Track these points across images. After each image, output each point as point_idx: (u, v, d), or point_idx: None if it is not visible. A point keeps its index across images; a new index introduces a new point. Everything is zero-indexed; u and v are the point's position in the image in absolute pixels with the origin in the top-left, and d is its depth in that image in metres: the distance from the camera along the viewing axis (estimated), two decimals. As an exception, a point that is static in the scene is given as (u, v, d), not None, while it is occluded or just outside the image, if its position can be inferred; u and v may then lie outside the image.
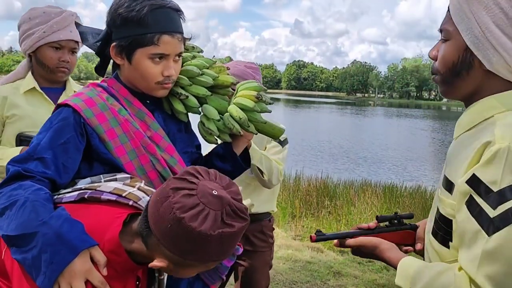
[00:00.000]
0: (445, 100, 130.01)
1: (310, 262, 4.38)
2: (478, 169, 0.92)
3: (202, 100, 1.49)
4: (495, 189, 0.89)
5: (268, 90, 1.61)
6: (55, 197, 1.20)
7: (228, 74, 1.53)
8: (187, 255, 1.00)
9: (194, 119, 1.60)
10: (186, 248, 0.99)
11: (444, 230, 1.04)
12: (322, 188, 7.31)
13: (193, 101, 1.46)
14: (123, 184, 1.22)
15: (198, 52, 1.55)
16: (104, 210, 1.13)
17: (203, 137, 1.53)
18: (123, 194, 1.16)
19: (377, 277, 4.15)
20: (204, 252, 1.00)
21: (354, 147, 18.25)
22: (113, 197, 1.15)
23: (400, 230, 1.36)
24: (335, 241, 1.35)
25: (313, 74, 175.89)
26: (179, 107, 1.47)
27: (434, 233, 1.08)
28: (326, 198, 6.81)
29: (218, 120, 1.47)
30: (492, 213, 0.89)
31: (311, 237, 1.34)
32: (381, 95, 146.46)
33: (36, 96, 2.05)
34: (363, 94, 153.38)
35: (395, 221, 1.37)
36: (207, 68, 1.49)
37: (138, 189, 1.21)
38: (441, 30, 1.09)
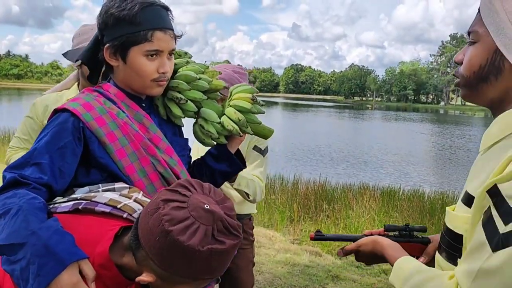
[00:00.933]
0: (442, 103, 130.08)
1: (308, 266, 4.38)
2: (500, 180, 0.85)
3: (197, 104, 1.52)
4: (511, 204, 0.82)
5: (266, 94, 1.67)
6: (50, 206, 1.19)
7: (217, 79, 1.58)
8: (175, 271, 0.96)
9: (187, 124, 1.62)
10: (173, 263, 0.95)
11: (453, 247, 0.98)
12: (320, 192, 7.32)
13: (191, 105, 1.49)
14: (120, 195, 1.19)
15: (189, 57, 1.58)
16: (97, 222, 1.11)
17: (200, 140, 1.56)
18: (118, 206, 1.14)
19: (376, 281, 4.15)
20: (192, 268, 0.96)
21: (352, 151, 18.26)
22: (108, 209, 1.13)
23: (410, 242, 1.29)
24: (339, 250, 1.32)
25: (311, 78, 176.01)
26: (177, 111, 1.49)
27: (441, 250, 1.03)
28: (324, 202, 6.82)
29: (218, 123, 1.51)
30: (502, 228, 0.82)
31: (310, 235, 1.33)
32: (379, 99, 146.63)
33: None
34: (361, 98, 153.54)
35: (405, 232, 1.32)
36: (202, 73, 1.53)
37: (135, 200, 1.18)
38: (469, 33, 1.01)
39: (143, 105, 1.46)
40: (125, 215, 1.13)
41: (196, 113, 1.53)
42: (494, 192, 0.86)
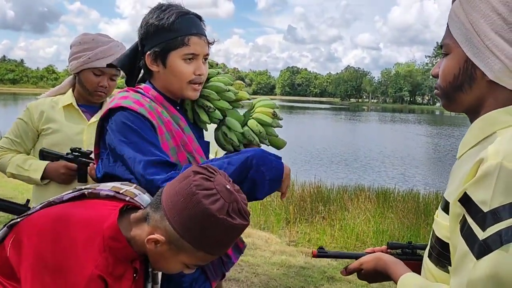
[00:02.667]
0: (438, 104, 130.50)
1: (304, 268, 4.40)
2: (470, 187, 0.87)
3: (222, 113, 1.66)
4: (485, 209, 0.84)
5: (263, 96, 1.83)
6: (55, 197, 1.27)
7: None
8: (187, 233, 1.08)
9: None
10: (189, 225, 1.07)
11: (441, 254, 0.99)
12: (316, 193, 7.36)
13: (218, 113, 1.64)
14: (121, 183, 1.30)
15: (220, 68, 1.73)
16: (102, 203, 1.21)
17: (221, 145, 1.71)
18: (121, 191, 1.24)
19: (371, 282, 4.18)
20: (202, 235, 1.08)
21: (348, 153, 18.31)
22: (111, 193, 1.23)
23: (411, 260, 1.29)
24: (342, 270, 1.32)
25: (307, 80, 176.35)
26: (205, 117, 1.63)
27: (431, 257, 1.04)
28: (320, 204, 6.85)
29: (240, 133, 1.65)
30: (481, 234, 0.83)
31: (313, 252, 1.36)
32: (375, 100, 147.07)
33: (72, 112, 2.20)
34: (357, 99, 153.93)
35: (408, 250, 1.32)
36: (231, 85, 1.68)
37: (135, 188, 1.29)
38: (441, 46, 1.06)
39: (177, 108, 1.59)
40: (127, 198, 1.22)
41: (221, 120, 1.66)
42: (465, 200, 0.88)
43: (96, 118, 2.20)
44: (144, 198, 1.27)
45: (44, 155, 2.10)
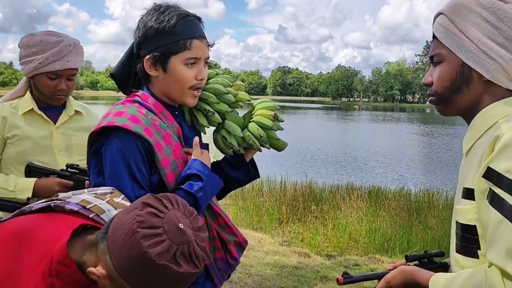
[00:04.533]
0: (428, 103, 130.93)
1: (297, 267, 4.40)
2: (492, 161, 0.95)
3: (221, 116, 1.61)
4: (511, 177, 0.91)
5: (254, 97, 1.75)
6: (28, 206, 1.22)
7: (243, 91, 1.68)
8: (124, 274, 0.96)
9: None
10: (127, 265, 0.95)
11: (469, 240, 1.03)
12: (308, 193, 7.36)
13: (217, 117, 1.59)
14: (95, 196, 1.22)
15: (218, 68, 1.67)
16: (63, 220, 1.13)
17: (220, 149, 1.65)
18: (87, 206, 1.16)
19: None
20: (140, 279, 0.96)
21: (340, 152, 18.36)
22: (76, 208, 1.15)
23: (431, 269, 1.27)
24: None
25: (298, 80, 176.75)
26: (203, 121, 1.58)
27: (459, 248, 1.07)
28: (313, 203, 6.86)
29: (240, 137, 1.60)
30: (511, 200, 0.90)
31: (337, 279, 1.32)
32: (366, 99, 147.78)
33: (35, 117, 2.04)
34: (348, 99, 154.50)
35: (425, 260, 1.35)
36: (230, 87, 1.62)
37: (107, 202, 1.21)
38: (432, 57, 1.16)
39: (176, 112, 1.54)
40: (91, 215, 1.15)
41: (220, 123, 1.61)
42: (490, 174, 0.95)
43: (64, 118, 2.08)
44: (113, 214, 1.16)
45: (31, 170, 1.94)
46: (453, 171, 14.59)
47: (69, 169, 1.94)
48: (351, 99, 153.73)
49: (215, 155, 1.83)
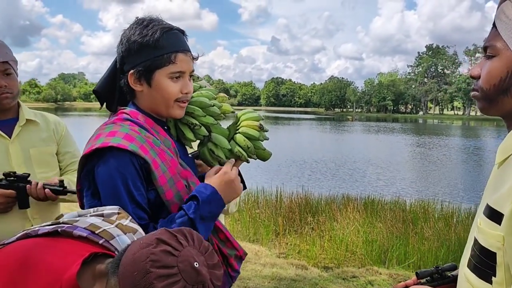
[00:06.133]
0: (421, 113, 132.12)
1: (295, 280, 4.38)
2: None
3: (207, 128, 1.59)
4: None
5: (248, 107, 1.78)
6: (32, 228, 1.19)
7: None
8: None
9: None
10: None
11: (485, 264, 0.95)
12: (304, 204, 7.36)
13: (203, 130, 1.57)
14: (103, 219, 1.19)
15: (201, 80, 1.67)
16: (71, 246, 1.09)
17: (207, 162, 1.63)
18: (96, 231, 1.13)
19: (362, 292, 4.17)
20: None
21: (335, 163, 18.39)
22: (85, 233, 1.11)
23: (442, 284, 1.28)
24: None
25: (291, 91, 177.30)
26: (190, 135, 1.56)
27: (472, 267, 0.99)
28: (309, 215, 6.85)
29: (228, 149, 1.59)
30: None
31: None
32: (359, 110, 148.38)
33: None
34: (341, 109, 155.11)
35: (437, 275, 1.30)
36: (214, 99, 1.61)
37: (117, 226, 1.17)
38: (485, 48, 1.02)
39: (165, 127, 1.52)
40: (101, 241, 1.11)
41: (205, 136, 1.59)
42: None
43: (18, 130, 1.99)
44: (124, 240, 1.14)
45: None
46: (448, 182, 14.66)
47: (7, 178, 1.86)
48: (344, 110, 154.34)
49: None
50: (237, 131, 1.63)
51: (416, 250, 5.46)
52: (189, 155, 1.66)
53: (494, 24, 1.01)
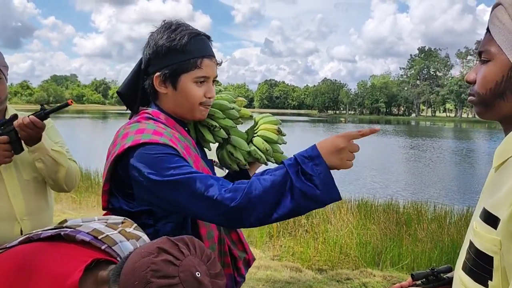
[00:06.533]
0: (413, 115, 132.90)
1: (289, 283, 4.38)
2: None
3: (226, 131, 1.60)
4: None
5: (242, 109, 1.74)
6: (35, 232, 1.18)
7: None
8: None
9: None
10: None
11: (482, 268, 0.94)
12: (298, 206, 7.34)
13: (222, 132, 1.58)
14: (106, 225, 1.18)
15: (220, 85, 1.68)
16: (74, 251, 1.08)
17: (226, 165, 1.65)
18: (99, 237, 1.12)
19: (356, 295, 4.17)
20: None
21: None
22: (88, 238, 1.10)
23: (437, 286, 1.27)
24: None
25: (285, 93, 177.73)
26: (209, 137, 1.58)
27: (468, 270, 0.98)
28: (303, 217, 6.84)
29: (247, 151, 1.60)
30: None
31: None
32: (352, 112, 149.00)
33: None
34: (334, 111, 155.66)
35: (432, 277, 1.29)
36: (234, 102, 1.63)
37: (120, 232, 1.16)
38: (480, 53, 1.03)
39: (186, 129, 1.54)
40: (103, 247, 1.10)
41: (224, 139, 1.60)
42: None
43: None
44: (126, 246, 1.13)
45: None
46: (441, 183, 14.74)
47: None
48: (337, 112, 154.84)
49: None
50: (256, 134, 1.65)
51: (410, 251, 5.47)
52: (213, 163, 1.68)
53: (488, 29, 1.01)
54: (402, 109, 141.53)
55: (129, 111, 1.60)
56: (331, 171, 1.27)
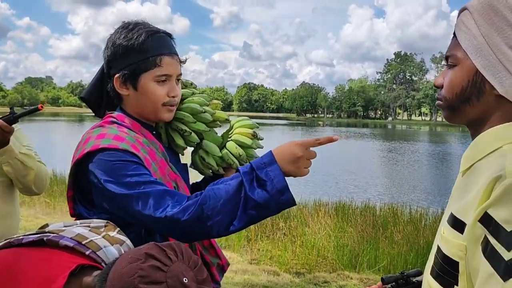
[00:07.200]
0: (390, 118, 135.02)
1: (267, 286, 4.37)
2: (490, 206, 0.84)
3: (199, 135, 1.56)
4: (509, 228, 0.80)
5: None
6: (15, 237, 1.14)
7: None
8: None
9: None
10: None
11: (448, 273, 0.94)
12: (276, 210, 7.34)
13: (194, 137, 1.54)
14: (90, 230, 1.15)
15: (194, 87, 1.63)
16: (57, 257, 1.06)
17: (199, 170, 1.61)
18: (83, 242, 1.09)
19: (333, 297, 4.19)
20: None
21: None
22: (71, 243, 1.08)
23: None
24: None
25: (263, 96, 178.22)
26: (180, 141, 1.54)
27: (435, 274, 0.98)
28: (281, 220, 6.84)
29: (219, 156, 1.56)
30: (506, 255, 0.80)
31: None
32: (330, 115, 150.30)
33: None
34: (312, 115, 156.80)
35: (402, 281, 1.30)
36: (207, 105, 1.57)
37: (103, 237, 1.14)
38: (447, 57, 1.03)
39: (154, 133, 1.50)
40: (88, 252, 1.08)
41: (197, 143, 1.56)
42: (487, 220, 0.85)
43: None
44: (111, 251, 1.11)
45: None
46: (416, 186, 14.97)
47: None
48: (315, 115, 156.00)
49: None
50: (230, 139, 1.60)
51: (386, 254, 5.53)
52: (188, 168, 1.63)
53: (454, 34, 1.03)
54: (379, 112, 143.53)
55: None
56: (286, 178, 1.27)
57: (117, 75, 1.39)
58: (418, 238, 6.12)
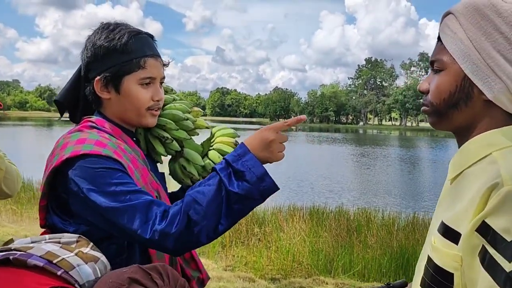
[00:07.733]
0: (361, 123, 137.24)
1: (242, 293, 4.32)
2: (487, 215, 0.81)
3: (180, 143, 1.50)
4: (508, 238, 0.78)
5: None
6: None
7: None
8: None
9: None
10: None
11: (441, 284, 0.91)
12: (251, 215, 7.31)
13: (175, 145, 1.48)
14: (61, 247, 1.07)
15: (175, 93, 1.57)
16: (26, 278, 0.97)
17: (178, 179, 1.54)
18: (54, 261, 1.01)
19: (309, 303, 4.17)
20: None
21: (279, 173, 18.56)
22: (41, 263, 0.99)
23: None
24: None
25: (237, 101, 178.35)
26: (160, 149, 1.48)
27: (426, 286, 0.95)
28: (256, 226, 6.82)
29: (201, 165, 1.50)
30: (507, 265, 0.77)
31: None
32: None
33: None
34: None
35: None
36: (188, 113, 1.52)
37: (76, 254, 1.06)
38: (432, 62, 1.01)
39: (134, 139, 1.43)
40: (59, 272, 0.99)
41: (177, 151, 1.50)
42: (484, 230, 0.82)
43: None
44: (85, 270, 1.03)
45: None
46: (389, 191, 15.20)
47: None
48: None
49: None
50: (211, 148, 1.55)
51: (361, 258, 5.56)
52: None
53: (439, 38, 1.00)
54: (351, 117, 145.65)
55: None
56: (264, 165, 1.26)
57: (97, 78, 1.32)
58: (391, 241, 6.19)
